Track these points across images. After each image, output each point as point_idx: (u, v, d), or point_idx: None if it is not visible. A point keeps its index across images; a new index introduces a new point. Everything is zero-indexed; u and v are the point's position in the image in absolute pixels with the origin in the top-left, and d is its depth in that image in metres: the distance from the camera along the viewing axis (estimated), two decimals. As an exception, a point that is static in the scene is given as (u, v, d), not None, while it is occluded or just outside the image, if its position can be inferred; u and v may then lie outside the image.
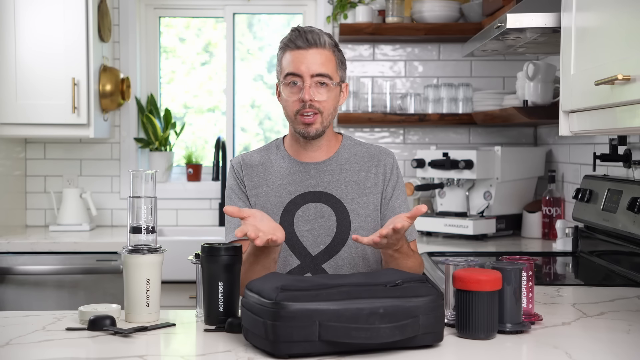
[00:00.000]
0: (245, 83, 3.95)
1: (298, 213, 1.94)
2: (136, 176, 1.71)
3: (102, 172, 3.75)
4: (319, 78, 1.89)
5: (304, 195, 1.96)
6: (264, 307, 1.42)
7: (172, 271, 2.93)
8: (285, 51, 1.92)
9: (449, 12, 3.55)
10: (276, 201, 1.96)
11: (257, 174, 2.00)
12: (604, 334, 1.65)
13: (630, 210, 2.28)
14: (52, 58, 3.31)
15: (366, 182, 1.99)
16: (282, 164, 1.99)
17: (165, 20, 3.95)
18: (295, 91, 1.90)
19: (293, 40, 1.90)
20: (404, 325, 1.42)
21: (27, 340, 1.55)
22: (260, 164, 2.01)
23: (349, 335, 1.40)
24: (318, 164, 1.98)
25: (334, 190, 1.96)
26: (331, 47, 1.92)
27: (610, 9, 1.66)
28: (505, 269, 1.59)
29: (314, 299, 1.41)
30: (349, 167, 1.99)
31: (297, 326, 1.39)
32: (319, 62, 1.89)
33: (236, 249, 1.67)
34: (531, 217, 3.31)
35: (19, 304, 3.11)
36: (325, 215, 1.94)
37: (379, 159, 2.02)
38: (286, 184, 1.97)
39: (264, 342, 1.42)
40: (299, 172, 1.98)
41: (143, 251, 1.68)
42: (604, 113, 1.68)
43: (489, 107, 3.43)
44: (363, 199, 1.97)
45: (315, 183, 1.97)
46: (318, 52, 1.89)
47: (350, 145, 2.04)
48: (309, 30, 1.91)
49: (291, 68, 1.89)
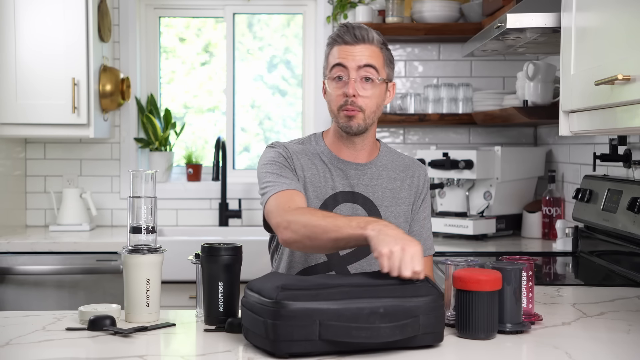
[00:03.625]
0: (245, 83, 3.95)
1: (335, 210, 1.93)
2: (136, 176, 1.71)
3: (102, 172, 3.74)
4: (365, 70, 1.86)
5: (344, 194, 1.95)
6: (265, 307, 1.42)
7: (172, 271, 2.93)
8: (333, 46, 1.91)
9: (449, 12, 3.55)
10: (318, 192, 1.94)
11: (302, 159, 1.96)
12: (604, 334, 1.65)
13: (630, 210, 2.28)
14: (52, 58, 3.31)
15: (400, 192, 1.99)
16: (323, 157, 1.98)
17: (165, 20, 3.95)
18: (341, 85, 1.89)
19: (341, 35, 1.89)
20: (404, 325, 1.42)
21: (27, 340, 1.55)
22: (302, 152, 1.98)
23: (349, 335, 1.39)
24: (359, 165, 1.97)
25: (371, 194, 1.96)
26: (379, 44, 1.90)
27: (610, 9, 1.66)
28: (505, 269, 1.59)
29: (314, 298, 1.41)
30: (385, 174, 1.99)
31: (298, 325, 1.39)
32: (366, 55, 1.87)
33: (236, 249, 1.67)
34: (531, 217, 3.31)
35: (19, 304, 3.10)
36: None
37: (414, 171, 2.03)
38: (328, 178, 1.95)
39: (264, 341, 1.42)
40: (340, 169, 1.96)
41: (143, 251, 1.68)
42: (604, 113, 1.68)
43: (489, 107, 3.43)
44: (396, 208, 1.98)
45: (355, 184, 1.96)
46: (365, 47, 1.88)
47: (387, 152, 2.04)
48: (357, 27, 1.89)
49: (337, 60, 1.88)
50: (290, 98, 3.99)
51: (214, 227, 3.72)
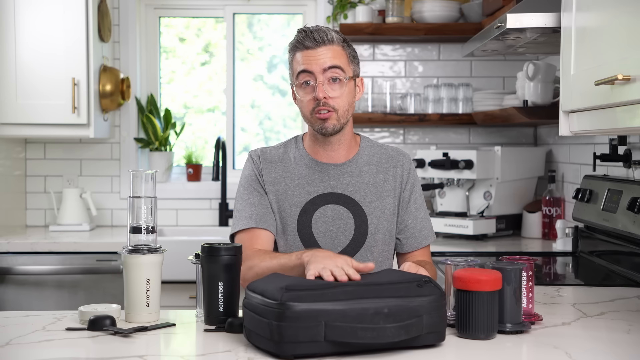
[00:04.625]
0: (245, 83, 3.95)
1: (316, 214, 1.93)
2: (136, 176, 1.71)
3: (102, 172, 3.75)
4: (331, 72, 1.87)
5: (323, 196, 1.95)
6: (269, 308, 1.41)
7: (172, 271, 2.93)
8: (295, 53, 1.92)
9: (449, 12, 3.55)
10: (294, 200, 1.95)
11: (275, 170, 1.98)
12: (604, 334, 1.65)
13: (630, 210, 2.28)
14: (52, 58, 3.31)
15: (384, 184, 1.98)
16: (300, 162, 1.98)
17: (165, 20, 3.95)
18: (309, 91, 1.89)
19: (301, 41, 1.90)
20: (408, 325, 1.42)
21: (27, 340, 1.55)
22: (279, 160, 1.99)
23: (355, 336, 1.39)
24: (338, 166, 1.97)
25: (352, 192, 1.95)
26: (340, 43, 1.91)
27: (610, 9, 1.66)
28: (505, 269, 1.59)
29: (319, 298, 1.40)
30: (367, 169, 1.99)
31: (303, 326, 1.38)
32: (329, 57, 1.88)
33: (236, 249, 1.67)
34: (531, 217, 3.31)
35: (19, 304, 3.10)
36: (343, 218, 1.94)
37: (396, 161, 2.02)
38: (305, 184, 1.96)
39: (269, 343, 1.41)
40: (318, 172, 1.97)
41: (143, 251, 1.68)
42: (604, 113, 1.67)
43: (489, 107, 3.43)
44: (381, 202, 1.97)
45: (334, 184, 1.96)
46: (327, 49, 1.88)
47: (368, 146, 2.03)
48: (316, 30, 1.90)
49: (302, 66, 1.89)
50: (290, 98, 3.98)
51: (214, 227, 3.72)
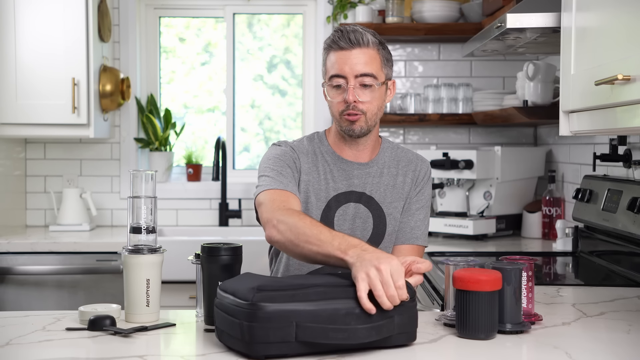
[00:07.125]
0: (245, 83, 3.95)
1: (339, 211, 1.94)
2: (136, 176, 1.71)
3: (102, 172, 3.75)
4: (362, 79, 1.87)
5: (347, 194, 1.96)
6: (240, 308, 1.40)
7: (172, 271, 2.93)
8: (329, 52, 1.91)
9: (449, 12, 3.55)
10: (321, 195, 1.95)
11: (308, 161, 1.97)
12: (604, 334, 1.65)
13: (630, 210, 2.28)
14: (52, 58, 3.31)
15: (403, 186, 2.01)
16: (327, 158, 1.99)
17: (165, 20, 3.95)
18: (340, 92, 1.89)
19: (336, 41, 1.89)
20: (380, 326, 1.43)
21: (27, 340, 1.55)
22: (309, 153, 1.99)
23: (326, 336, 1.39)
24: (362, 165, 1.98)
25: (374, 192, 1.97)
26: (375, 46, 1.90)
27: (610, 9, 1.66)
28: (505, 269, 1.59)
29: (290, 299, 1.39)
30: (387, 171, 2.00)
31: (274, 327, 1.37)
32: (362, 62, 1.87)
33: (236, 249, 1.67)
34: (531, 217, 3.31)
35: (19, 304, 3.11)
36: (362, 217, 1.95)
37: (416, 165, 2.04)
38: (330, 180, 1.96)
39: (239, 343, 1.41)
40: (343, 170, 1.97)
41: (143, 251, 1.68)
42: (604, 113, 1.67)
43: (489, 107, 3.43)
44: (399, 203, 1.99)
45: (357, 183, 1.97)
46: (361, 52, 1.87)
47: (390, 148, 2.04)
48: (352, 30, 1.89)
49: (335, 70, 1.88)
50: (290, 98, 3.99)
51: (214, 227, 3.72)
